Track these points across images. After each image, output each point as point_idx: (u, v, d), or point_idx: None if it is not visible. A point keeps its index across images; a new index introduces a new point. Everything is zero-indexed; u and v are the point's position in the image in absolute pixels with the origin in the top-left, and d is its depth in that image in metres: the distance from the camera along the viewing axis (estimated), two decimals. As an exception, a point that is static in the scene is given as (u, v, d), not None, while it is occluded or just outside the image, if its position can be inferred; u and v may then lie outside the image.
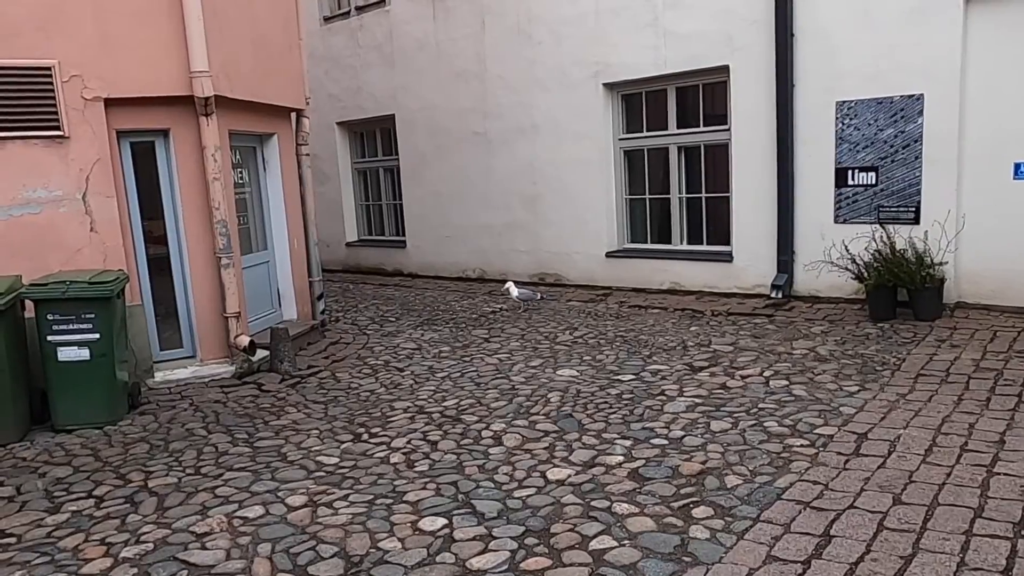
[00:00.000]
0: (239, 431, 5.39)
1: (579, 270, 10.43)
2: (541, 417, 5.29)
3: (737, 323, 7.92)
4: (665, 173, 9.65)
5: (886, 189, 7.71)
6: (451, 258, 12.11)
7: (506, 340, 7.83)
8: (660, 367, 6.42)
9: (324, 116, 13.50)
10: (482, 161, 11.30)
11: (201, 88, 6.22)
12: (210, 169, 6.43)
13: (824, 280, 8.16)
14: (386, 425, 5.35)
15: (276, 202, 7.91)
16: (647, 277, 9.74)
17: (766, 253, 8.58)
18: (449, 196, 11.88)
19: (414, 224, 12.61)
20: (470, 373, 6.63)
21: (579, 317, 8.73)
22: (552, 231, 10.62)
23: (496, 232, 11.34)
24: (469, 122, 11.35)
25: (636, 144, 9.82)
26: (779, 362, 6.31)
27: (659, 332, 7.74)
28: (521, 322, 8.66)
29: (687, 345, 7.11)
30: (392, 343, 8.01)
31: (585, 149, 10.00)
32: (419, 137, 12.14)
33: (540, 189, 10.65)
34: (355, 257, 13.81)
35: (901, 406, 4.99)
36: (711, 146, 9.21)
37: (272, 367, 6.84)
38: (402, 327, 8.84)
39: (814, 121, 8.03)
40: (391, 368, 6.96)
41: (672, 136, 9.43)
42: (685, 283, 9.42)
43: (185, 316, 6.71)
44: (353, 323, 9.28)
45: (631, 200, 10.09)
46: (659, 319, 8.40)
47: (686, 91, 9.32)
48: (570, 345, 7.43)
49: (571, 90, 10.01)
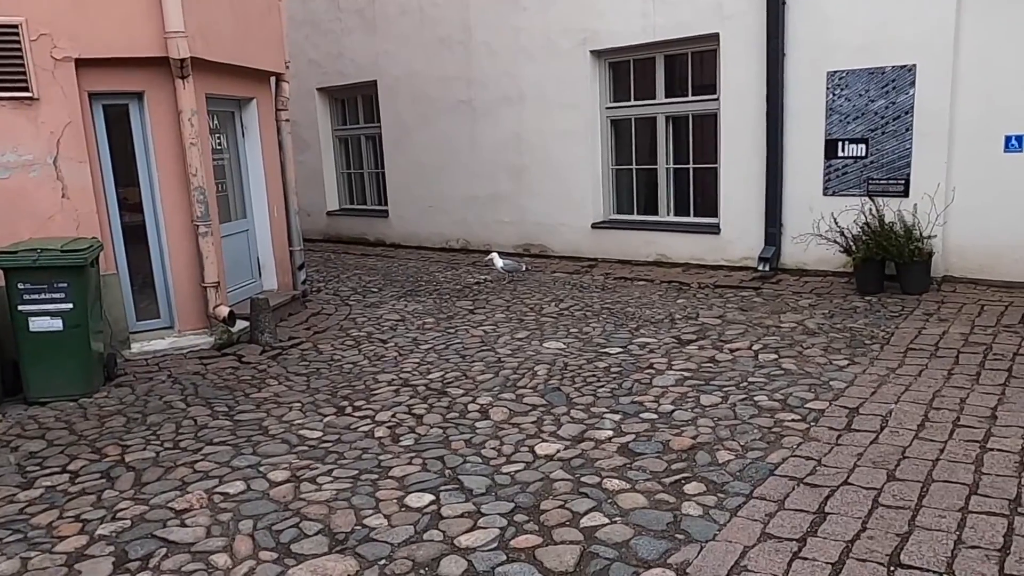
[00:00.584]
0: (219, 404, 5.26)
1: (564, 241, 10.32)
2: (528, 391, 5.21)
3: (724, 296, 7.86)
4: (652, 143, 9.51)
5: (876, 161, 7.64)
6: (434, 228, 11.94)
7: (491, 312, 7.72)
8: (648, 340, 6.34)
9: (304, 82, 13.19)
10: (466, 130, 11.10)
11: (176, 49, 5.98)
12: (187, 134, 6.22)
13: (812, 253, 8.10)
14: (370, 398, 5.24)
15: (255, 169, 7.70)
16: (633, 249, 9.65)
17: (754, 226, 8.51)
18: (432, 166, 11.67)
19: (397, 194, 12.41)
20: (455, 345, 6.52)
21: (564, 289, 8.64)
22: (537, 202, 10.48)
23: (480, 203, 11.18)
24: (453, 90, 11.12)
25: (623, 113, 9.67)
26: (768, 335, 6.25)
27: (646, 304, 7.67)
28: (506, 293, 8.55)
29: (674, 318, 7.04)
30: (375, 314, 7.88)
31: (571, 119, 9.84)
32: (402, 105, 11.89)
33: (525, 159, 10.48)
34: (336, 227, 13.60)
35: (891, 380, 4.95)
36: (699, 116, 9.08)
37: (252, 338, 6.69)
38: (385, 298, 8.70)
39: (804, 91, 7.92)
40: (374, 340, 6.84)
41: (660, 105, 9.28)
42: (672, 255, 9.34)
43: (162, 286, 6.53)
44: (335, 293, 9.12)
45: (617, 171, 9.96)
46: (645, 291, 8.32)
47: (675, 60, 9.17)
48: (556, 317, 7.34)
49: (558, 58, 9.82)
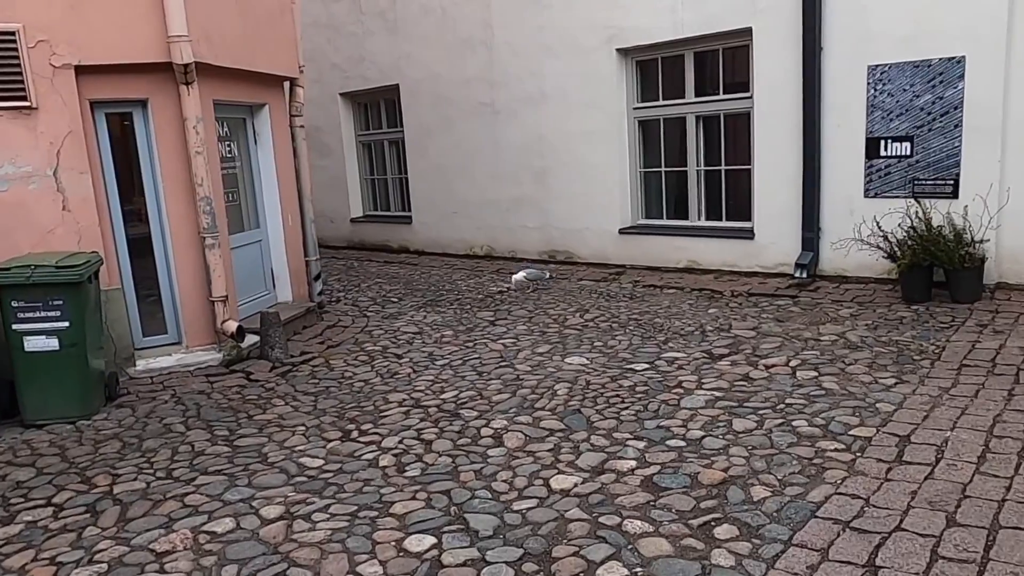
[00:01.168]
0: (220, 427, 4.98)
1: (591, 247, 9.94)
2: (546, 413, 4.85)
3: (759, 305, 7.43)
4: (682, 145, 9.09)
5: (922, 160, 7.15)
6: (458, 235, 11.64)
7: (512, 323, 7.38)
8: (677, 355, 5.95)
9: (327, 87, 13.02)
10: (489, 133, 10.77)
11: (180, 54, 5.74)
12: (192, 142, 5.97)
13: (852, 259, 7.63)
14: (378, 421, 4.93)
15: (268, 177, 7.45)
16: (662, 255, 9.23)
17: (790, 230, 8.05)
18: (455, 170, 11.37)
19: (420, 199, 12.12)
20: (472, 360, 6.19)
21: (590, 298, 8.26)
22: (562, 206, 10.12)
23: (504, 208, 10.85)
24: (475, 92, 10.81)
25: (651, 114, 9.26)
26: (806, 349, 5.82)
27: (675, 315, 7.26)
28: (529, 303, 8.20)
29: (706, 330, 6.62)
30: (392, 326, 7.58)
31: (597, 119, 9.46)
32: (423, 108, 11.61)
33: (549, 162, 10.13)
34: (360, 233, 13.37)
35: (945, 402, 4.50)
36: (731, 115, 8.65)
37: (262, 354, 6.43)
38: (404, 308, 8.40)
39: (843, 87, 7.45)
40: (389, 355, 6.53)
41: (690, 105, 8.86)
42: (703, 262, 8.91)
43: (169, 300, 6.30)
44: (354, 304, 8.85)
45: (646, 173, 9.56)
46: (675, 300, 7.91)
47: (705, 56, 8.74)
48: (580, 329, 6.97)
49: (582, 56, 9.45)
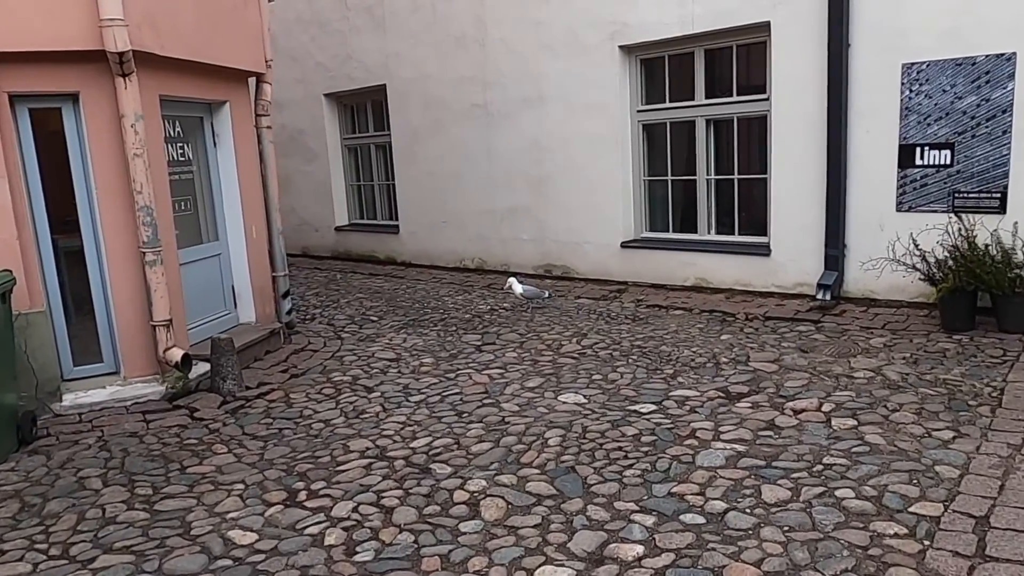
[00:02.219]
0: (143, 483, 4.17)
1: (590, 262, 9.14)
2: (534, 471, 4.04)
3: (777, 331, 6.62)
4: (691, 151, 8.30)
5: (964, 171, 6.36)
6: (448, 246, 10.85)
7: (501, 349, 6.58)
8: (688, 392, 5.14)
9: (311, 87, 12.27)
10: (482, 137, 9.99)
11: (114, 41, 4.95)
12: (130, 143, 5.18)
13: (882, 280, 6.83)
14: (333, 477, 4.12)
15: (229, 183, 6.65)
16: (669, 272, 8.43)
17: (811, 246, 7.25)
18: (445, 177, 10.59)
19: (408, 208, 11.34)
20: (452, 396, 5.38)
21: (589, 319, 7.46)
22: (560, 217, 9.33)
23: (497, 218, 10.05)
24: (468, 93, 10.03)
25: (657, 117, 8.47)
26: (839, 389, 5.01)
27: (684, 341, 6.46)
28: (521, 325, 7.40)
29: (719, 361, 5.82)
30: (367, 351, 6.77)
31: (598, 123, 8.67)
32: (413, 110, 10.83)
33: (547, 169, 9.34)
34: (345, 243, 12.58)
35: (1021, 465, 3.70)
36: (746, 119, 7.86)
37: (212, 386, 5.62)
38: (383, 329, 7.60)
39: (874, 88, 6.66)
40: (358, 387, 5.72)
41: (700, 107, 8.07)
42: (713, 280, 8.10)
43: (104, 324, 5.49)
44: (329, 323, 8.04)
45: (651, 182, 8.77)
46: (683, 323, 7.11)
47: (717, 54, 7.95)
48: (577, 358, 6.16)
49: (583, 55, 8.67)
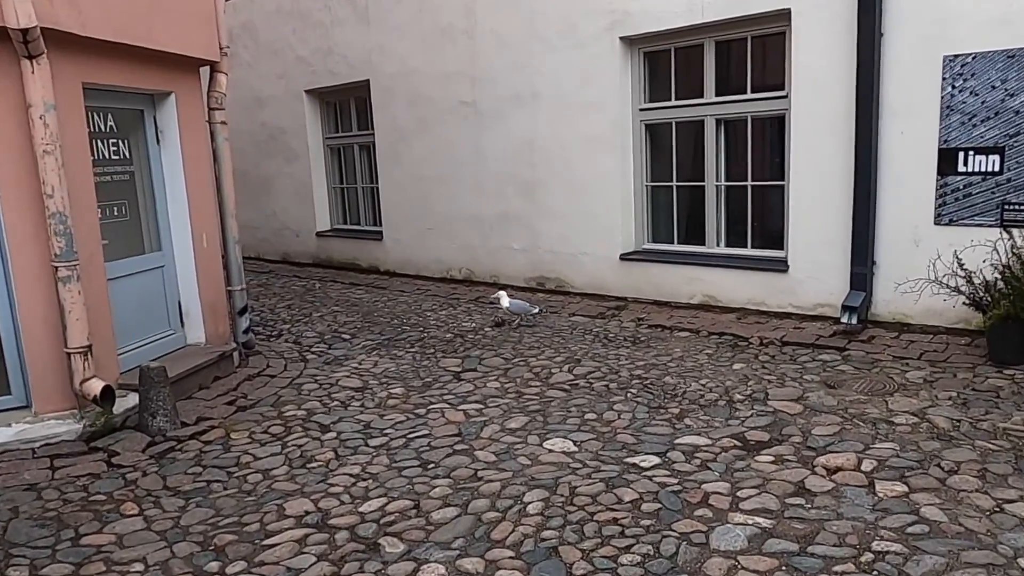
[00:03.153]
0: (20, 559, 3.36)
1: (586, 275, 8.33)
2: (507, 551, 3.23)
3: (797, 359, 5.81)
4: (699, 154, 7.49)
5: (1016, 179, 5.55)
6: (434, 254, 10.04)
7: (483, 378, 5.77)
8: (697, 440, 4.33)
9: (292, 83, 11.49)
10: (471, 137, 9.19)
11: (15, 14, 4.15)
12: (39, 138, 4.38)
13: (917, 303, 6.02)
14: (256, 555, 3.31)
15: (175, 186, 5.85)
16: (673, 287, 7.62)
17: (835, 263, 6.44)
18: (431, 180, 9.79)
19: (392, 213, 10.53)
20: (419, 439, 4.57)
21: (584, 341, 6.65)
22: (554, 226, 8.52)
23: (487, 225, 9.25)
24: (455, 89, 9.23)
25: (662, 116, 7.67)
26: (878, 439, 4.20)
27: (691, 371, 5.65)
28: (507, 347, 6.59)
29: (733, 398, 5.00)
30: (331, 377, 5.96)
31: (597, 123, 7.87)
32: (397, 108, 10.03)
33: (540, 173, 8.53)
34: (327, 249, 11.77)
35: None
36: (762, 119, 7.07)
37: (141, 423, 4.81)
38: (354, 350, 6.79)
39: (911, 84, 5.86)
40: (312, 425, 4.91)
41: (709, 106, 7.26)
42: (722, 297, 7.29)
43: (12, 351, 4.67)
44: (296, 341, 7.23)
45: (654, 188, 7.96)
46: (690, 348, 6.30)
47: (729, 47, 7.15)
48: (568, 390, 5.35)
49: (580, 48, 7.87)
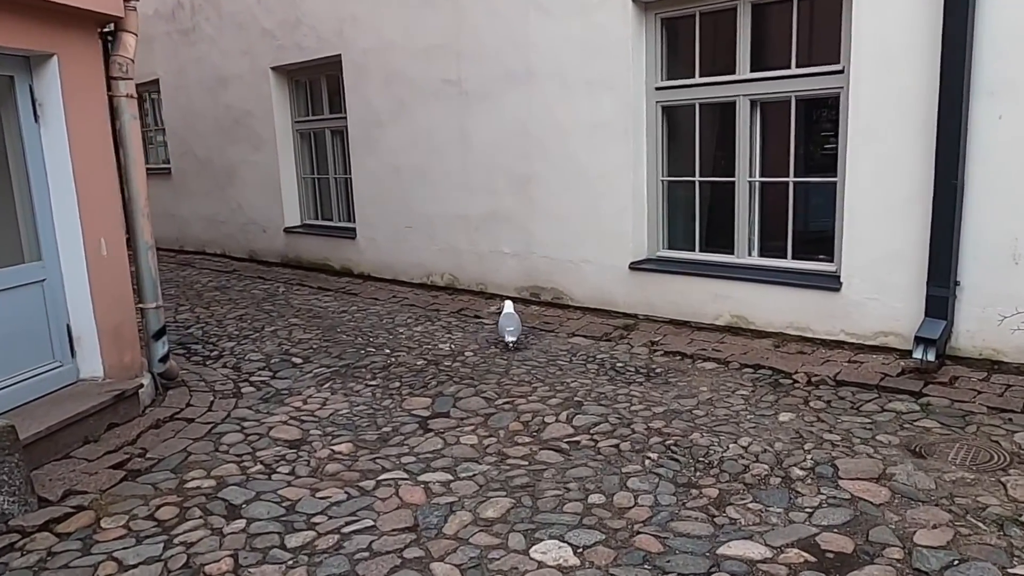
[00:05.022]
0: None
1: (589, 287, 7.02)
2: None
3: (860, 407, 4.51)
4: (728, 143, 6.17)
5: None
6: (413, 257, 8.72)
7: (456, 427, 4.46)
8: (750, 548, 3.03)
9: (257, 60, 10.15)
10: (455, 123, 7.86)
11: None
12: None
13: (1015, 334, 4.72)
14: None
15: (60, 177, 4.52)
16: (694, 304, 6.32)
17: (904, 280, 5.13)
18: (410, 171, 8.46)
19: (366, 208, 9.20)
20: (358, 536, 3.26)
21: (586, 374, 5.35)
22: (551, 228, 7.20)
23: (473, 225, 7.93)
24: (438, 66, 7.89)
25: (683, 97, 6.35)
26: (1015, 552, 2.90)
27: (725, 422, 4.35)
28: (491, 380, 5.29)
29: (788, 471, 3.70)
30: (264, 423, 4.66)
31: (604, 105, 6.55)
32: (372, 88, 8.69)
33: (535, 165, 7.20)
34: (296, 247, 10.44)
35: None
36: (808, 101, 5.77)
37: (-22, 503, 3.50)
38: (302, 380, 5.49)
39: (1015, 55, 4.55)
40: (217, 506, 3.60)
41: (743, 84, 5.94)
42: (755, 319, 5.98)
43: None
44: (235, 368, 5.92)
45: (671, 184, 6.65)
46: (719, 385, 5.00)
47: (769, 10, 5.83)
48: (564, 453, 4.05)
49: (584, 14, 6.54)
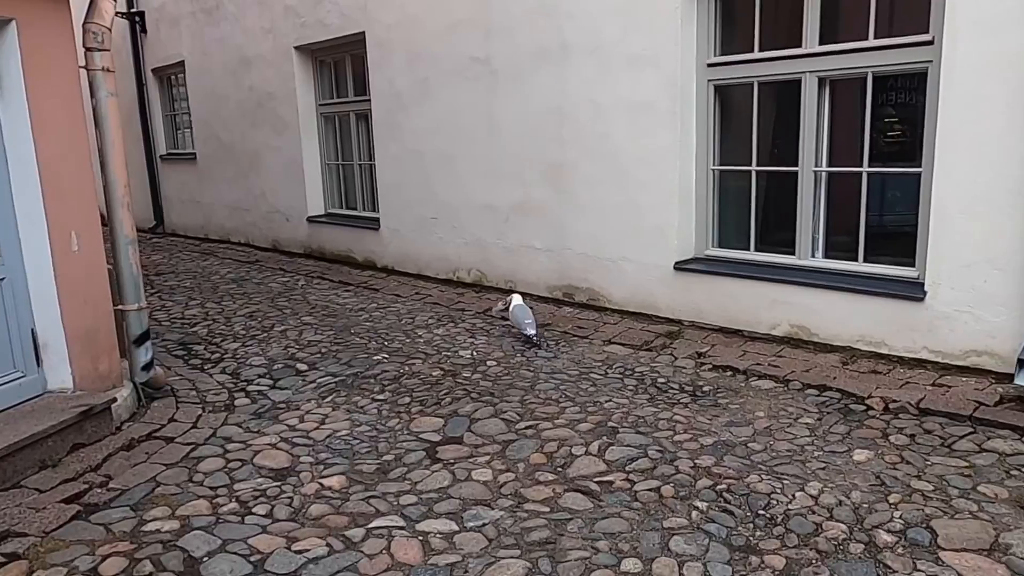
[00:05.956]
0: None
1: (628, 287, 6.30)
2: None
3: (952, 444, 3.76)
4: (791, 127, 5.39)
5: None
6: (438, 250, 8.09)
7: (469, 458, 3.82)
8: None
9: (280, 39, 9.64)
10: (482, 104, 7.18)
11: None
12: None
13: None
14: None
15: (21, 162, 3.96)
16: (747, 311, 5.57)
17: (1002, 289, 4.33)
18: (435, 158, 7.82)
19: (389, 197, 8.60)
20: (333, 610, 2.65)
21: (623, 391, 4.66)
22: (587, 221, 6.49)
23: (501, 217, 7.26)
24: (464, 43, 7.22)
25: (739, 74, 5.58)
26: None
27: (788, 460, 3.63)
28: (514, 396, 4.63)
29: (873, 536, 2.97)
30: (251, 447, 4.06)
31: (647, 83, 5.82)
32: (395, 68, 8.06)
33: (570, 151, 6.50)
34: (318, 238, 9.89)
35: None
36: (890, 77, 4.97)
37: None
38: (303, 392, 4.89)
39: None
40: (172, 560, 3.00)
41: (809, 59, 5.15)
42: (819, 330, 5.21)
43: None
44: (233, 373, 5.36)
45: (723, 174, 5.90)
46: (778, 411, 4.27)
47: (842, -27, 5.06)
48: (596, 496, 3.37)
49: (627, -19, 5.81)
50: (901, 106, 5.64)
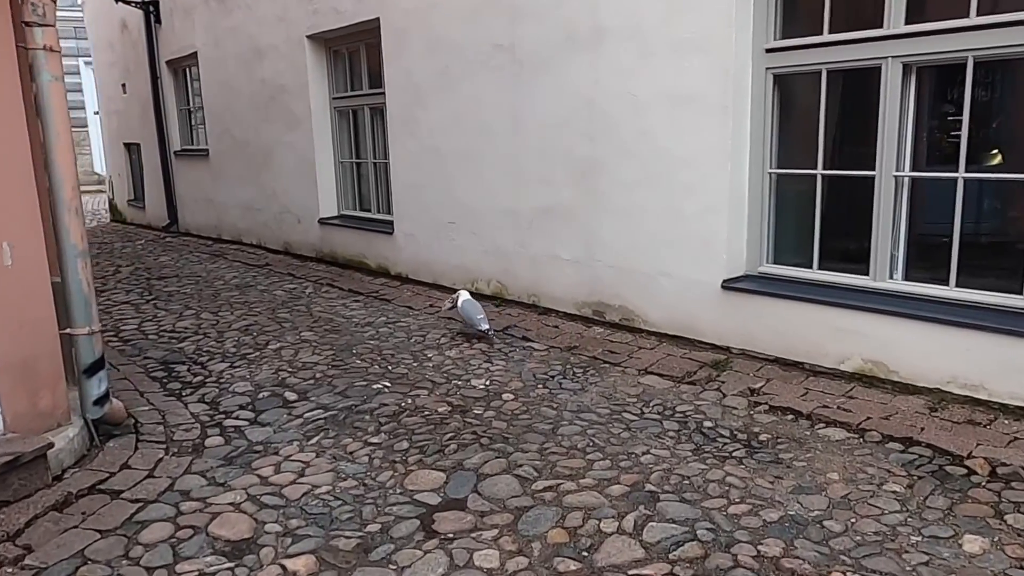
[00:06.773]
0: None
1: (667, 307, 5.49)
2: None
3: (1095, 534, 2.92)
4: (866, 123, 4.55)
5: None
6: (455, 257, 7.35)
7: (472, 531, 3.06)
8: None
9: (292, 27, 8.99)
10: (506, 96, 6.42)
11: None
12: None
13: None
14: None
15: (-59, 159, 3.29)
16: (808, 341, 4.73)
17: None
18: (454, 156, 7.08)
19: (404, 199, 7.88)
20: None
21: (661, 437, 3.88)
22: (621, 229, 5.69)
23: (524, 222, 6.49)
24: (487, 29, 6.46)
25: (803, 61, 4.74)
26: None
27: (878, 548, 2.83)
28: (532, 445, 3.86)
29: None
30: (213, 504, 3.35)
31: (694, 72, 5.00)
32: (412, 57, 7.33)
33: (602, 149, 5.71)
34: (330, 241, 9.22)
35: None
36: (992, 63, 4.09)
37: None
38: (286, 431, 4.18)
39: None
40: None
41: (892, 42, 4.30)
42: (899, 367, 4.36)
43: None
44: (212, 403, 4.66)
45: (781, 178, 5.06)
46: (856, 470, 3.46)
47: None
48: (631, 602, 2.60)
49: (672, -46, 5.00)
50: (1000, 99, 4.76)
